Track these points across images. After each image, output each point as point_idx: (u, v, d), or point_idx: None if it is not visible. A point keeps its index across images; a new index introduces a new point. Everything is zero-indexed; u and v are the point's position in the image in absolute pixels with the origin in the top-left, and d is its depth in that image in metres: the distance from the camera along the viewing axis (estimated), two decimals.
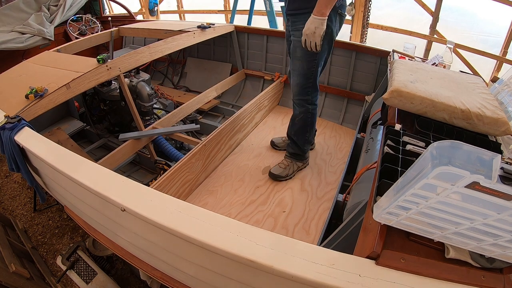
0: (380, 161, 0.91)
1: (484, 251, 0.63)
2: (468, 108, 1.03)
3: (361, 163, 1.50)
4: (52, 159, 1.09)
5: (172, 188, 1.73)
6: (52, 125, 2.41)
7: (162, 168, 2.15)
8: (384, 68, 2.37)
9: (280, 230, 1.65)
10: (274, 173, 1.95)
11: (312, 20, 1.44)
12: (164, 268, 1.18)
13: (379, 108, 1.69)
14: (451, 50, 1.94)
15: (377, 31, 4.03)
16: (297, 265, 0.70)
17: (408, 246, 0.72)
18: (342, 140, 2.41)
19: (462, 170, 0.42)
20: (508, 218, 0.47)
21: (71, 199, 1.37)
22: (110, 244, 1.33)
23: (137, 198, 0.89)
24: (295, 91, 1.78)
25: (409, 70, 1.29)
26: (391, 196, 0.62)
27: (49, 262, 1.95)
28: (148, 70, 3.52)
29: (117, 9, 4.96)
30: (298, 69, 1.70)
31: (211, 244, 0.76)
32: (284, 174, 1.95)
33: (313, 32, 1.44)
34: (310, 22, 1.44)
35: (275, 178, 1.95)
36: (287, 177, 1.96)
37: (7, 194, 2.46)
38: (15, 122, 1.30)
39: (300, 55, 1.65)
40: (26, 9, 3.08)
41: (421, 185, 0.48)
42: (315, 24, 1.42)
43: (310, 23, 1.44)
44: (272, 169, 1.97)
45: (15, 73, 1.88)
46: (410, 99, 1.08)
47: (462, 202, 0.49)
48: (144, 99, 2.38)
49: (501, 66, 3.45)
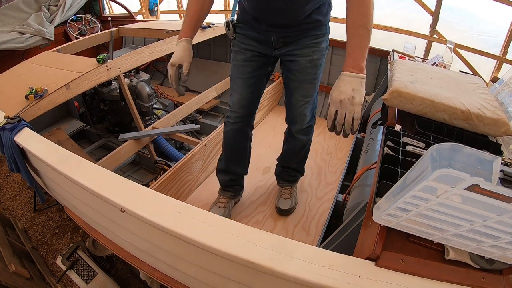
0: (380, 162, 0.91)
1: (484, 253, 0.63)
2: (468, 109, 1.03)
3: (361, 163, 1.50)
4: (52, 160, 1.09)
5: (172, 189, 1.73)
6: (52, 125, 2.41)
7: (162, 168, 2.15)
8: (384, 68, 2.37)
9: (280, 230, 1.65)
10: (285, 209, 1.70)
11: (347, 80, 0.95)
12: (164, 268, 1.18)
13: (379, 108, 1.69)
14: (451, 50, 1.94)
15: (377, 31, 4.03)
16: (297, 267, 0.70)
17: (408, 247, 0.72)
18: (342, 140, 2.40)
19: (462, 173, 0.41)
20: (508, 220, 0.47)
21: (71, 199, 1.37)
22: (110, 245, 1.33)
23: (137, 199, 0.89)
24: (307, 119, 1.48)
25: (409, 71, 1.29)
26: (390, 198, 0.62)
27: (49, 262, 1.95)
28: (148, 70, 3.51)
29: (117, 9, 4.96)
30: (312, 94, 1.41)
31: (210, 245, 0.76)
32: (294, 203, 1.75)
33: (351, 98, 0.92)
34: (344, 83, 0.95)
35: (289, 213, 1.72)
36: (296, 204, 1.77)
37: (7, 194, 2.46)
38: (15, 122, 1.30)
39: (312, 76, 1.35)
40: (26, 9, 3.08)
41: (421, 187, 0.48)
42: (353, 85, 0.93)
43: (344, 84, 0.95)
44: (280, 206, 1.71)
45: (15, 73, 1.88)
46: (410, 99, 1.08)
47: (462, 204, 0.49)
48: (144, 99, 2.38)
49: (501, 66, 3.45)
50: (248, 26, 1.33)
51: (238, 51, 1.39)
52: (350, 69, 0.96)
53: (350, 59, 0.97)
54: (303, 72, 1.34)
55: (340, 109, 0.94)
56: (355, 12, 0.99)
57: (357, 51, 0.97)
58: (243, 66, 1.39)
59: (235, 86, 1.46)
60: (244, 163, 1.68)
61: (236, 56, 1.41)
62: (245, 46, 1.37)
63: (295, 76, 1.36)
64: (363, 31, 0.98)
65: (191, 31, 1.23)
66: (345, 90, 0.93)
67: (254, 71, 1.40)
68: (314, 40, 1.29)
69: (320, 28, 1.28)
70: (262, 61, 1.39)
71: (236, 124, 1.52)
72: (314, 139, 2.37)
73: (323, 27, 1.29)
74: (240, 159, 1.64)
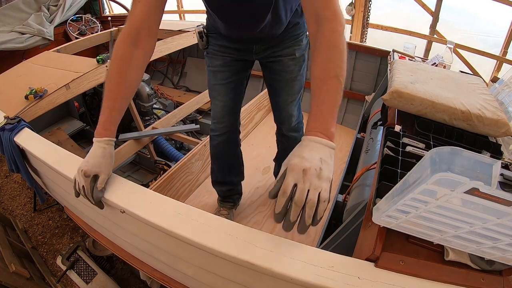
0: (380, 163, 0.91)
1: (483, 254, 0.63)
2: (468, 109, 1.03)
3: (361, 163, 1.50)
4: (52, 160, 1.09)
5: (172, 189, 1.73)
6: (52, 125, 2.41)
7: (162, 168, 2.15)
8: (384, 68, 2.37)
9: (280, 230, 1.64)
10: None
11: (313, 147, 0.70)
12: (164, 269, 1.18)
13: (379, 108, 1.69)
14: (451, 50, 1.94)
15: (377, 31, 4.03)
16: (296, 268, 0.70)
17: (408, 248, 0.72)
18: (342, 140, 2.41)
19: (462, 177, 0.42)
20: (507, 223, 0.47)
21: (71, 200, 1.37)
22: (110, 245, 1.33)
23: (136, 200, 0.89)
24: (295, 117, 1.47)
25: (409, 71, 1.29)
26: (390, 200, 0.62)
27: (49, 262, 1.95)
28: (148, 70, 3.52)
29: (117, 9, 4.96)
30: (298, 90, 1.38)
31: (210, 246, 0.76)
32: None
33: (319, 169, 0.66)
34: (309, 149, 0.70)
35: None
36: None
37: (7, 194, 2.47)
38: (14, 123, 1.30)
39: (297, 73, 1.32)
40: (26, 9, 3.08)
41: (420, 190, 0.48)
42: (320, 154, 0.69)
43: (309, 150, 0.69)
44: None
45: (15, 73, 1.88)
46: (410, 100, 1.08)
47: (462, 207, 0.49)
48: (143, 99, 2.38)
49: (501, 66, 3.45)
50: (224, 37, 1.24)
51: (215, 57, 1.29)
52: (317, 133, 0.72)
53: (317, 121, 0.74)
54: (287, 71, 1.30)
55: (303, 183, 0.64)
56: (324, 56, 0.77)
57: (326, 111, 0.74)
58: (222, 71, 1.30)
59: (215, 94, 1.36)
60: (239, 171, 1.62)
61: (213, 62, 1.30)
62: (221, 53, 1.28)
63: (280, 76, 1.32)
64: (335, 83, 0.75)
65: (114, 124, 0.91)
66: (311, 158, 0.67)
67: (233, 75, 1.31)
68: (295, 39, 1.26)
69: (299, 28, 1.25)
70: (241, 65, 1.31)
71: (223, 135, 1.43)
72: None
73: (301, 26, 1.26)
74: (234, 168, 1.58)
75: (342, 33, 0.79)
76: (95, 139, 0.90)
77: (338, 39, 0.77)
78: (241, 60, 1.29)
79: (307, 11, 0.83)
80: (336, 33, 0.78)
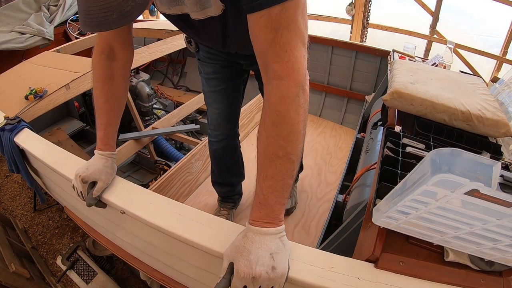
0: (380, 164, 0.91)
1: (483, 255, 0.63)
2: (468, 110, 1.03)
3: (361, 163, 1.50)
4: (52, 160, 1.09)
5: (172, 189, 1.73)
6: (52, 125, 2.41)
7: (162, 168, 2.15)
8: (384, 68, 2.37)
9: None
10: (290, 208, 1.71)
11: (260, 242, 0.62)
12: (164, 269, 1.18)
13: (379, 108, 1.69)
14: (451, 50, 1.94)
15: (377, 31, 4.03)
16: (296, 268, 0.70)
17: (408, 249, 0.72)
18: (342, 140, 2.41)
19: (462, 178, 0.42)
20: (507, 224, 0.47)
21: (71, 200, 1.37)
22: (110, 245, 1.33)
23: (136, 201, 0.89)
24: None
25: (409, 71, 1.29)
26: (390, 201, 0.62)
27: (49, 262, 1.95)
28: (148, 70, 3.51)
29: None
30: None
31: (210, 247, 0.76)
32: (294, 203, 1.73)
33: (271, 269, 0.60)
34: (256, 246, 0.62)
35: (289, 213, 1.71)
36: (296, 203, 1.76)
37: (7, 194, 2.47)
38: (14, 123, 1.30)
39: None
40: (26, 9, 3.07)
41: (420, 192, 0.48)
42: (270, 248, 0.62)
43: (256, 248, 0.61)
44: None
45: (15, 73, 1.88)
46: (410, 100, 1.08)
47: (462, 208, 0.49)
48: (143, 99, 2.38)
49: (501, 66, 3.45)
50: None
51: (205, 64, 1.22)
52: (263, 224, 0.63)
53: (263, 211, 0.64)
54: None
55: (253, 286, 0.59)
56: (270, 132, 0.63)
57: (273, 199, 0.63)
58: (214, 78, 1.24)
59: (209, 101, 1.31)
60: (239, 172, 1.60)
61: (205, 69, 1.24)
62: (211, 60, 1.20)
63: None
64: (284, 164, 0.63)
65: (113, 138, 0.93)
66: (260, 260, 0.59)
67: (226, 82, 1.25)
68: None
69: None
70: (232, 71, 1.24)
71: (221, 142, 1.40)
72: (314, 139, 2.38)
73: None
74: (234, 170, 1.56)
75: (295, 97, 0.61)
76: (96, 152, 0.92)
77: (288, 108, 0.60)
78: (230, 67, 1.22)
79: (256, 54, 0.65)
80: (286, 100, 0.60)
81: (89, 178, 0.87)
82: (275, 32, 0.59)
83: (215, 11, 0.77)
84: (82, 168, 0.89)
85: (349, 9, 3.81)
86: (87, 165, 0.90)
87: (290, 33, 0.59)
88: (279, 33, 0.59)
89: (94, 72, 0.90)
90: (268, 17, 0.58)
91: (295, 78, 0.60)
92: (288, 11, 0.58)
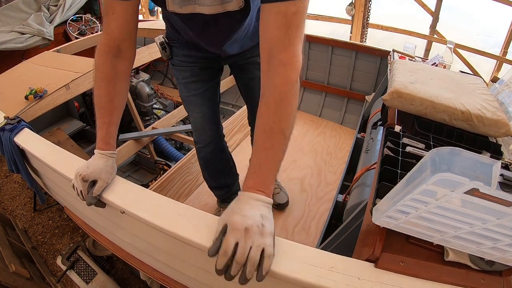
0: (380, 163, 0.91)
1: (483, 254, 0.63)
2: (468, 110, 1.03)
3: (361, 163, 1.50)
4: (52, 160, 1.09)
5: (172, 189, 1.73)
6: (52, 125, 2.41)
7: (162, 168, 2.15)
8: (384, 68, 2.37)
9: (280, 231, 1.65)
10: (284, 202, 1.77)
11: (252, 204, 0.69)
12: (164, 269, 1.18)
13: (379, 108, 1.69)
14: (451, 50, 1.94)
15: (377, 31, 4.03)
16: (296, 268, 0.70)
17: (407, 249, 0.72)
18: (342, 140, 2.41)
19: (462, 177, 0.42)
20: (507, 223, 0.47)
21: (71, 200, 1.37)
22: (110, 245, 1.33)
23: (136, 201, 0.89)
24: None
25: (409, 71, 1.29)
26: (390, 200, 0.62)
27: (49, 262, 1.95)
28: (148, 70, 3.51)
29: None
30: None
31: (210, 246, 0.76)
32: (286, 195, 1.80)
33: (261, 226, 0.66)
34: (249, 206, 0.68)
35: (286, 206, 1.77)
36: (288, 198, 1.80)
37: (7, 194, 2.47)
38: (14, 123, 1.30)
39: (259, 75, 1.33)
40: (26, 9, 3.07)
41: (420, 191, 0.48)
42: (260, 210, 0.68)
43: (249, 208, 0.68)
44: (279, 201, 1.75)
45: (15, 73, 1.88)
46: (410, 100, 1.08)
47: (462, 208, 0.49)
48: (143, 99, 2.38)
49: (501, 66, 3.45)
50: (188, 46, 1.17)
51: (182, 68, 1.22)
52: (256, 191, 0.70)
53: (257, 179, 0.72)
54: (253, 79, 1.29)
55: (244, 241, 0.63)
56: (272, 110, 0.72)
57: (267, 169, 0.72)
58: (194, 82, 1.24)
59: (191, 106, 1.30)
60: (232, 172, 1.59)
61: (182, 74, 1.24)
62: (188, 63, 1.21)
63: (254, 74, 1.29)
64: (280, 139, 0.72)
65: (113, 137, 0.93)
66: (252, 216, 0.66)
67: (206, 84, 1.26)
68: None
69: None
70: (210, 72, 1.26)
71: (209, 146, 1.40)
72: (314, 139, 2.39)
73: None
74: (226, 171, 1.55)
75: (295, 83, 0.72)
76: (97, 151, 0.92)
77: (289, 91, 0.72)
78: (209, 68, 1.24)
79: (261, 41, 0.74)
80: (288, 84, 0.72)
81: (89, 177, 0.87)
82: (287, 28, 0.70)
83: (234, 6, 0.85)
84: (83, 167, 0.89)
85: (349, 9, 3.81)
86: (87, 164, 0.90)
87: (298, 32, 0.71)
88: (290, 30, 0.70)
89: (97, 72, 0.90)
90: (284, 15, 0.69)
91: (296, 67, 0.73)
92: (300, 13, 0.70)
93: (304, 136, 2.42)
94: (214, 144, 1.40)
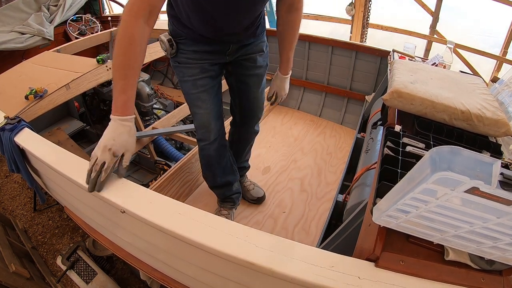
0: (380, 163, 0.91)
1: (483, 254, 0.63)
2: (468, 109, 1.03)
3: (361, 163, 1.50)
4: (52, 160, 1.09)
5: (172, 189, 1.73)
6: (52, 125, 2.41)
7: (162, 168, 2.15)
8: (384, 68, 2.37)
9: (280, 231, 1.65)
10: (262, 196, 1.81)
11: (287, 81, 1.45)
12: (164, 269, 1.18)
13: (379, 108, 1.69)
14: (451, 50, 1.94)
15: (377, 31, 4.03)
16: (296, 268, 0.70)
17: (408, 248, 0.72)
18: (342, 140, 2.41)
19: (462, 176, 0.41)
20: (507, 222, 0.47)
21: (71, 200, 1.37)
22: (110, 245, 1.33)
23: (136, 200, 0.89)
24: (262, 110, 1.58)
25: (409, 71, 1.29)
26: (390, 199, 0.62)
27: (49, 262, 1.95)
28: (148, 70, 3.51)
29: (117, 9, 4.96)
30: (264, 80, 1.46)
31: (210, 246, 0.76)
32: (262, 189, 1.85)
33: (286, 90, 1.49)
34: (286, 82, 1.46)
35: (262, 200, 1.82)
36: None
37: (7, 194, 2.47)
38: (15, 123, 1.30)
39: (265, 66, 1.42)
40: (26, 9, 3.08)
41: (420, 190, 0.48)
42: (287, 83, 1.47)
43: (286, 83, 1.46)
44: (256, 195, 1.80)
45: (15, 73, 1.88)
46: (410, 100, 1.08)
47: (462, 207, 0.49)
48: (143, 99, 2.38)
49: (501, 66, 3.45)
50: (197, 41, 1.21)
51: (190, 66, 1.25)
52: (288, 71, 1.42)
53: (288, 66, 1.40)
54: (257, 66, 1.37)
55: (281, 95, 1.49)
56: (293, 34, 1.30)
57: (291, 60, 1.38)
58: (202, 78, 1.27)
59: (198, 103, 1.31)
60: (233, 169, 1.61)
61: (190, 71, 1.26)
62: (196, 60, 1.24)
63: (252, 71, 1.38)
64: (295, 46, 1.35)
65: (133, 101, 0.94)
66: (287, 87, 1.49)
67: (213, 80, 1.31)
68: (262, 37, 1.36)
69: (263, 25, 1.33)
70: (217, 69, 1.31)
71: (215, 143, 1.42)
72: (314, 139, 2.39)
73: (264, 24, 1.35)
74: (227, 169, 1.57)
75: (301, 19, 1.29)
76: (117, 118, 0.89)
77: (300, 20, 1.29)
78: (216, 64, 1.29)
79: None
80: (300, 20, 1.28)
81: (119, 151, 0.89)
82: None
83: None
84: (108, 139, 0.88)
85: (349, 9, 3.81)
86: (112, 136, 0.88)
87: None
88: None
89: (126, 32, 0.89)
90: None
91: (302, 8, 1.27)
92: None
93: (304, 136, 2.42)
94: (218, 141, 1.42)
